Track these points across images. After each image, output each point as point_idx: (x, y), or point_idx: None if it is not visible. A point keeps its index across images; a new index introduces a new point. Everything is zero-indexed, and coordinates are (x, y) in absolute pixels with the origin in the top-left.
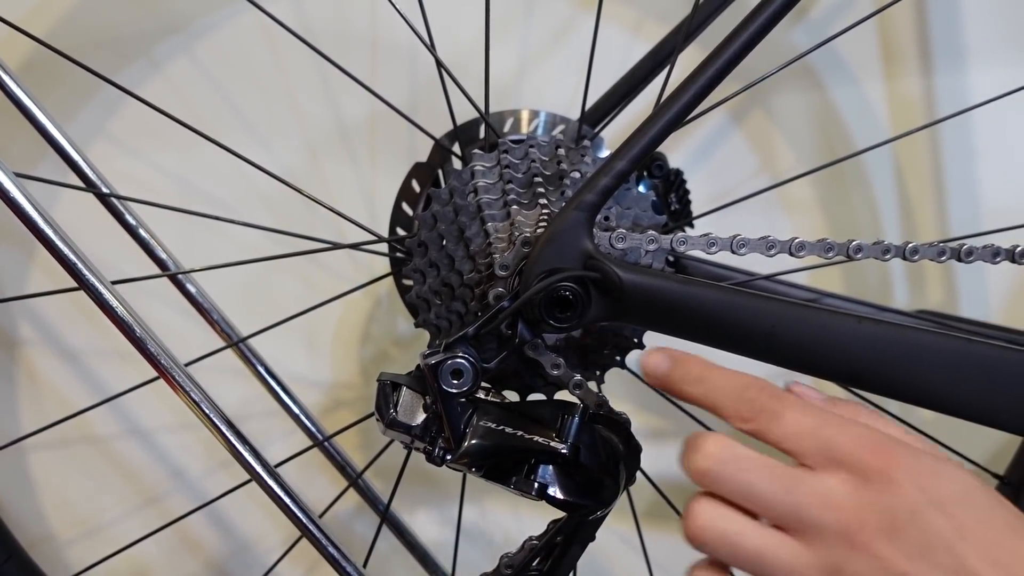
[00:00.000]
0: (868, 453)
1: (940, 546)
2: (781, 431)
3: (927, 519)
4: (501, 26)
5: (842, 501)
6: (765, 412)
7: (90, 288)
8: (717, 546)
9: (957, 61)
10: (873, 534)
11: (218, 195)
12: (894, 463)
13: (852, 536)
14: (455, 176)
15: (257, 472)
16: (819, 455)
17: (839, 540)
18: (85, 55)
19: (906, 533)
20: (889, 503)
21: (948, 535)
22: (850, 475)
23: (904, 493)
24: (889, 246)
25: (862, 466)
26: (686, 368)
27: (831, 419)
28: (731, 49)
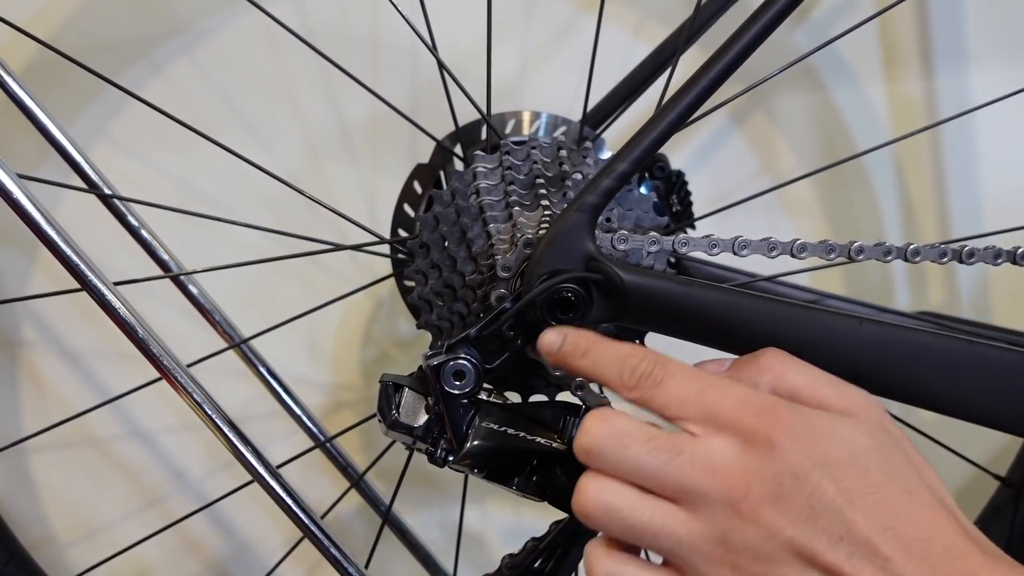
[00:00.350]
0: (751, 416)
1: (828, 511)
2: (664, 398)
3: (813, 483)
4: (502, 27)
5: (725, 467)
6: (648, 379)
7: (93, 289)
8: (606, 521)
9: (958, 62)
10: (758, 500)
11: (219, 197)
12: (778, 426)
13: (737, 503)
14: (457, 178)
15: (259, 473)
16: (702, 420)
17: (724, 508)
18: (87, 57)
19: (791, 499)
20: (773, 468)
21: (835, 500)
22: (733, 439)
23: (788, 457)
24: (891, 247)
25: (745, 430)
26: (573, 342)
27: (715, 383)
28: (733, 51)
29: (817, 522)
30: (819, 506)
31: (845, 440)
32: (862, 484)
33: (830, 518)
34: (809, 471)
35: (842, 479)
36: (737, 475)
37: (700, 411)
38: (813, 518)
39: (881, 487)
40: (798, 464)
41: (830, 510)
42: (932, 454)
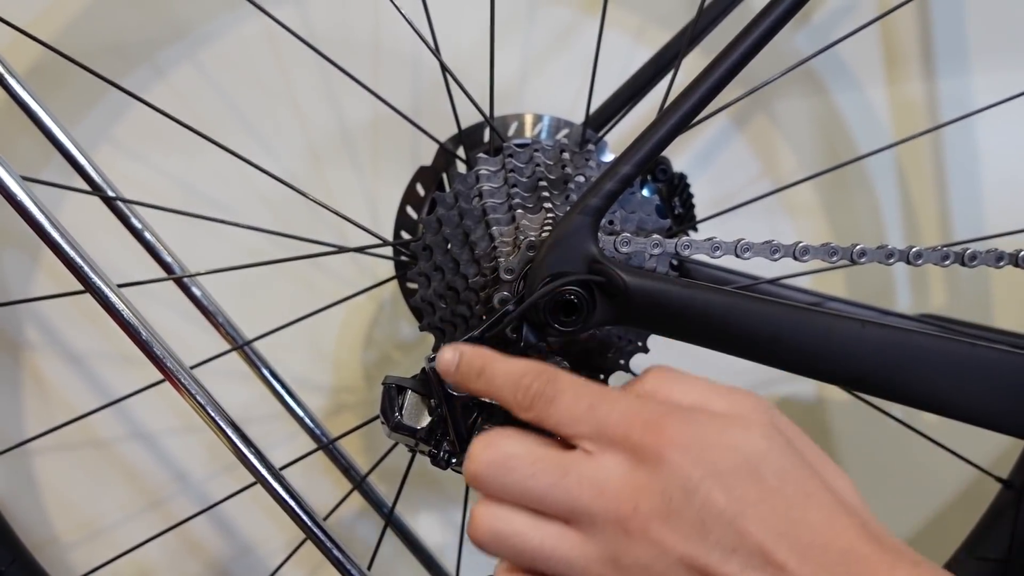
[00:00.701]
0: (639, 429)
1: (719, 523)
2: (557, 416)
3: (703, 495)
4: (505, 30)
5: (613, 485)
6: (541, 398)
7: (96, 291)
8: (499, 549)
9: (960, 65)
10: (647, 518)
11: (222, 199)
12: (666, 438)
13: (625, 522)
14: (460, 180)
15: (262, 474)
16: (593, 437)
17: (614, 528)
18: (90, 60)
19: (681, 513)
20: (662, 483)
21: (727, 510)
22: (622, 455)
23: (677, 470)
24: (893, 250)
25: (633, 444)
26: (468, 362)
27: (605, 397)
28: (735, 54)
29: (709, 535)
30: (710, 518)
31: (736, 446)
32: (755, 491)
33: (722, 530)
34: (698, 483)
35: (734, 487)
36: (625, 493)
37: (591, 427)
38: (704, 531)
39: (775, 492)
40: (687, 476)
41: (721, 521)
42: (934, 457)
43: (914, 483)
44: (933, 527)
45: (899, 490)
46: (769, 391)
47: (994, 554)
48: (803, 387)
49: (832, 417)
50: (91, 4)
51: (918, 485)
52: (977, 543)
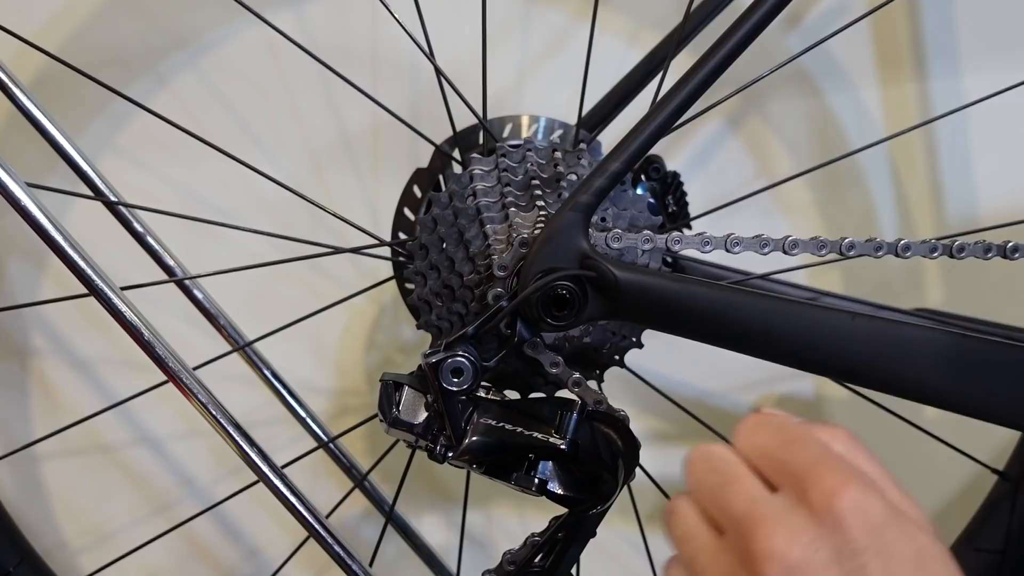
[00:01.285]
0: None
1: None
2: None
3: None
4: (500, 35)
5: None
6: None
7: (100, 294)
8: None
9: (952, 64)
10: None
11: (224, 205)
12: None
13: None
14: (454, 180)
15: (264, 473)
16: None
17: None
18: (94, 70)
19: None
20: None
21: None
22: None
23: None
24: (881, 243)
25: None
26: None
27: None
28: (720, 52)
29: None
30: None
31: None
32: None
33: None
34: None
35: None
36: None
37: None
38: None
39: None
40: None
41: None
42: (932, 451)
43: (912, 477)
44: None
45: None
46: (769, 389)
47: (991, 545)
48: (802, 384)
49: (830, 413)
50: (95, 15)
51: (916, 479)
52: (974, 535)
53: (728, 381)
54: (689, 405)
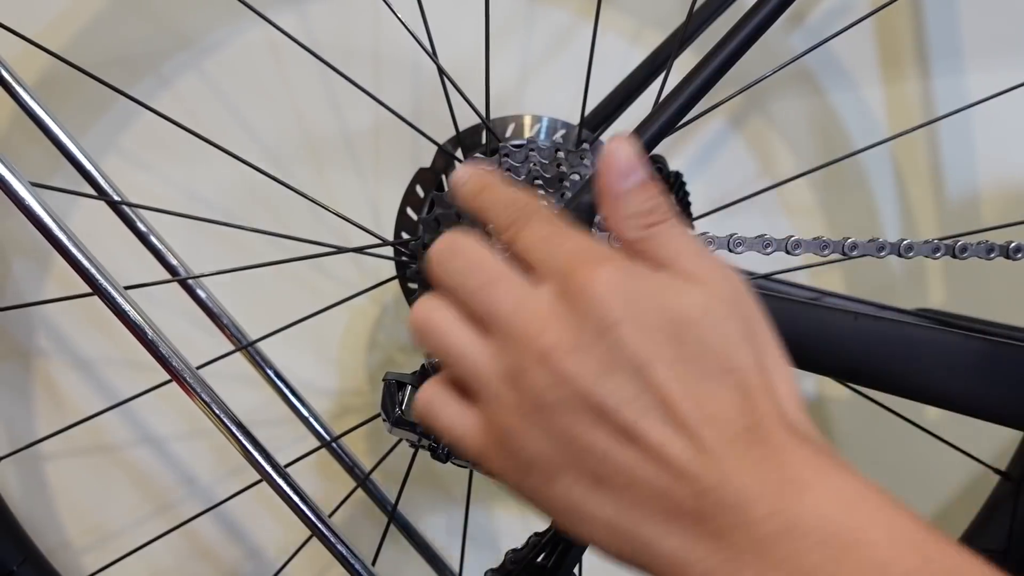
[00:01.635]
0: (577, 264)
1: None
2: (522, 242)
3: (614, 336)
4: (503, 34)
5: (533, 306)
6: (517, 223)
7: (103, 293)
8: (423, 338)
9: (955, 63)
10: (553, 345)
11: (227, 205)
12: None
13: (530, 342)
14: None
15: (267, 472)
16: (541, 266)
17: (519, 346)
18: (97, 70)
19: (589, 349)
20: (579, 316)
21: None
22: (554, 285)
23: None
24: (884, 243)
25: (565, 275)
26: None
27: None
28: (724, 52)
29: (611, 377)
30: (619, 360)
31: (668, 307)
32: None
33: (626, 375)
34: (613, 324)
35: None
36: (540, 316)
37: (542, 256)
38: (608, 372)
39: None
40: (604, 315)
41: (630, 367)
42: (933, 449)
43: (914, 477)
44: (935, 520)
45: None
46: None
47: (993, 545)
48: (803, 384)
49: (833, 413)
50: (98, 16)
51: (918, 479)
52: (976, 534)
53: None
54: None
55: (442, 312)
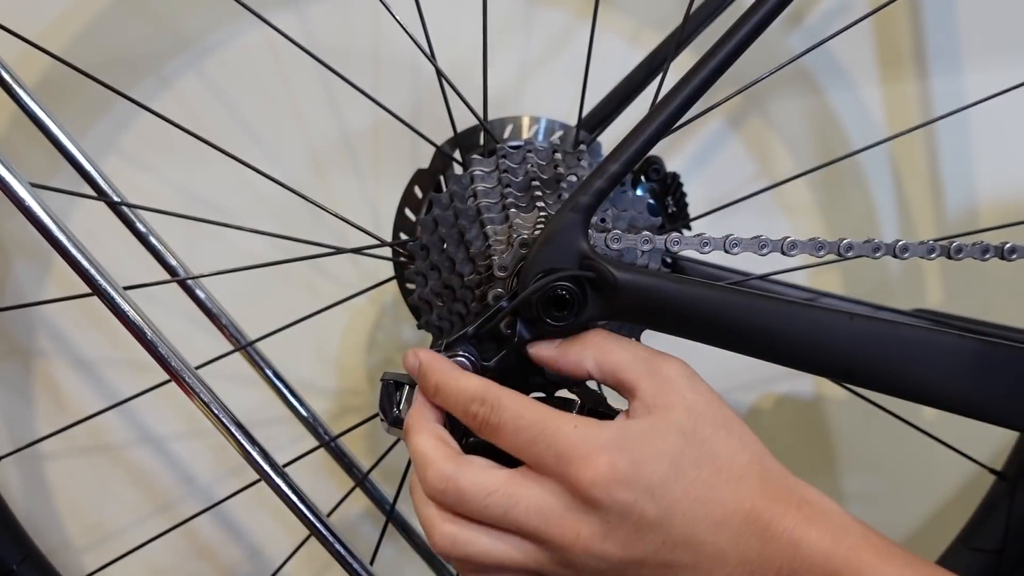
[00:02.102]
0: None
1: (651, 529)
2: (504, 443)
3: (637, 512)
4: (502, 36)
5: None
6: (487, 426)
7: (103, 293)
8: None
9: (953, 64)
10: (588, 541)
11: (226, 206)
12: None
13: (571, 546)
14: (455, 181)
15: (266, 471)
16: (537, 465)
17: (561, 548)
18: (98, 72)
19: (618, 530)
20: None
21: (657, 517)
22: (561, 490)
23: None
24: (879, 244)
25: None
26: (426, 379)
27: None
28: (721, 53)
29: (644, 539)
30: (644, 527)
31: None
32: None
33: (654, 533)
34: (633, 504)
35: (663, 496)
36: (568, 524)
37: (534, 463)
38: (640, 538)
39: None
40: (623, 502)
41: (654, 527)
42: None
43: (911, 477)
44: (931, 520)
45: (897, 484)
46: (768, 389)
47: (989, 545)
48: (801, 384)
49: (831, 414)
50: (99, 17)
51: (915, 479)
52: (972, 534)
53: (727, 381)
54: None
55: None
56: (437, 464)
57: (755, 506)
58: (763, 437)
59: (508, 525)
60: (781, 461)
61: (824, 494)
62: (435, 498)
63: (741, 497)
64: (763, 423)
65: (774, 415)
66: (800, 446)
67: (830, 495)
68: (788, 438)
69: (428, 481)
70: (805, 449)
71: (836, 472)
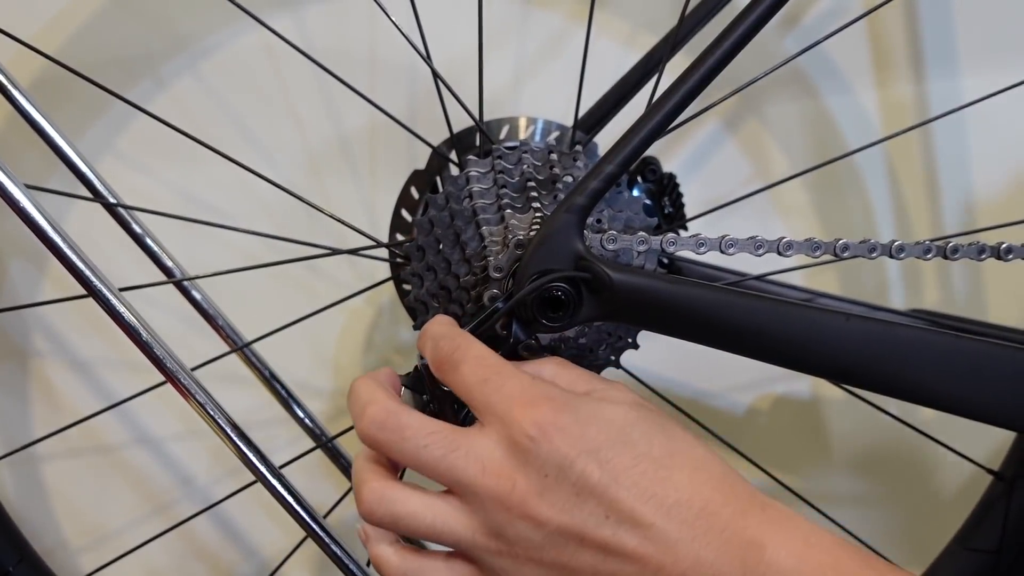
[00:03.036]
0: (519, 410)
1: (593, 495)
2: (458, 384)
3: (578, 471)
4: (498, 37)
5: (494, 464)
6: (448, 362)
7: (98, 295)
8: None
9: (949, 65)
10: (524, 495)
11: (223, 208)
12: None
13: (505, 499)
14: (451, 182)
15: (262, 473)
16: (482, 412)
17: (495, 503)
18: (93, 73)
19: (557, 489)
20: (538, 461)
21: (600, 482)
22: (503, 434)
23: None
24: (875, 244)
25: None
26: (428, 331)
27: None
28: (716, 54)
29: (584, 506)
30: (584, 491)
31: (610, 418)
32: (627, 458)
33: (596, 500)
34: (574, 460)
35: (609, 459)
36: (505, 471)
37: (481, 401)
38: (580, 503)
39: (644, 456)
40: (563, 455)
41: (595, 493)
42: (926, 449)
43: (908, 477)
44: (928, 520)
45: (894, 484)
46: (765, 390)
47: (986, 545)
48: (798, 384)
49: (827, 414)
50: (94, 18)
51: (912, 479)
52: (969, 535)
53: (724, 381)
54: (685, 405)
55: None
56: (383, 401)
57: (712, 499)
58: (760, 437)
59: (443, 472)
60: (778, 461)
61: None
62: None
63: (698, 485)
64: (760, 424)
65: (771, 416)
66: (797, 446)
67: (828, 495)
68: (785, 439)
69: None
70: (802, 449)
71: (833, 472)
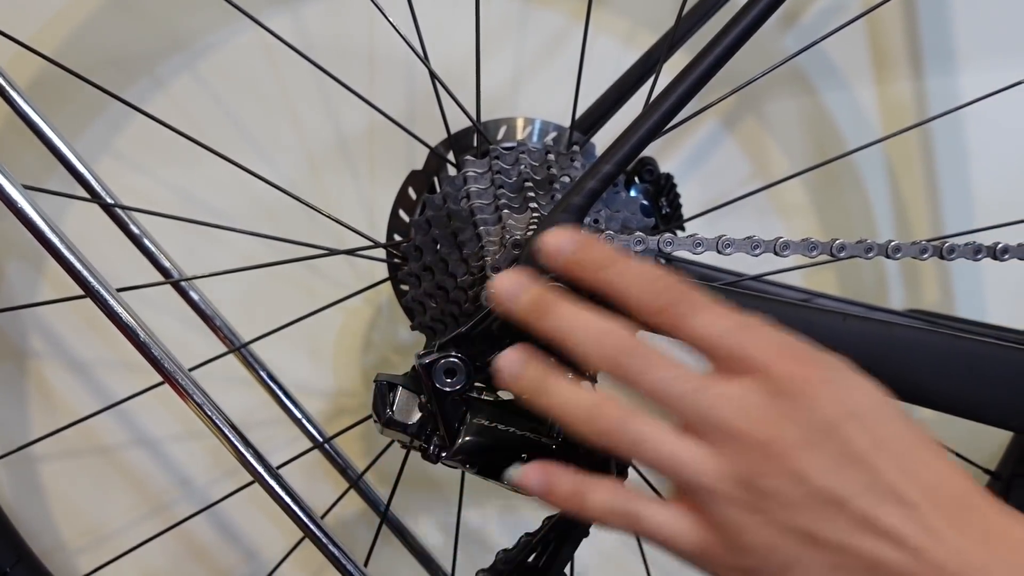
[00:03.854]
0: (783, 361)
1: (856, 461)
2: (696, 329)
3: (845, 432)
4: (497, 37)
5: (758, 408)
6: (677, 308)
7: (96, 295)
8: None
9: (948, 64)
10: (791, 445)
11: (221, 208)
12: (810, 373)
13: (769, 445)
14: (448, 182)
15: (259, 473)
16: (732, 359)
17: (755, 449)
18: (91, 73)
19: (823, 447)
20: (806, 415)
21: (865, 448)
22: (764, 383)
23: (821, 405)
24: (872, 244)
25: (777, 375)
26: (590, 251)
27: (747, 323)
28: (713, 54)
29: (846, 471)
30: (847, 455)
31: (870, 391)
32: (887, 433)
33: (859, 468)
34: (843, 420)
35: (873, 428)
36: (769, 419)
37: (734, 347)
38: (842, 467)
39: (900, 436)
40: (832, 413)
41: (858, 460)
42: None
43: None
44: None
45: None
46: None
47: None
48: None
49: None
50: (92, 18)
51: None
52: None
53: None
54: None
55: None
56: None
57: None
58: None
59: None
60: None
61: None
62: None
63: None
64: None
65: None
66: None
67: None
68: None
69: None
70: None
71: None
